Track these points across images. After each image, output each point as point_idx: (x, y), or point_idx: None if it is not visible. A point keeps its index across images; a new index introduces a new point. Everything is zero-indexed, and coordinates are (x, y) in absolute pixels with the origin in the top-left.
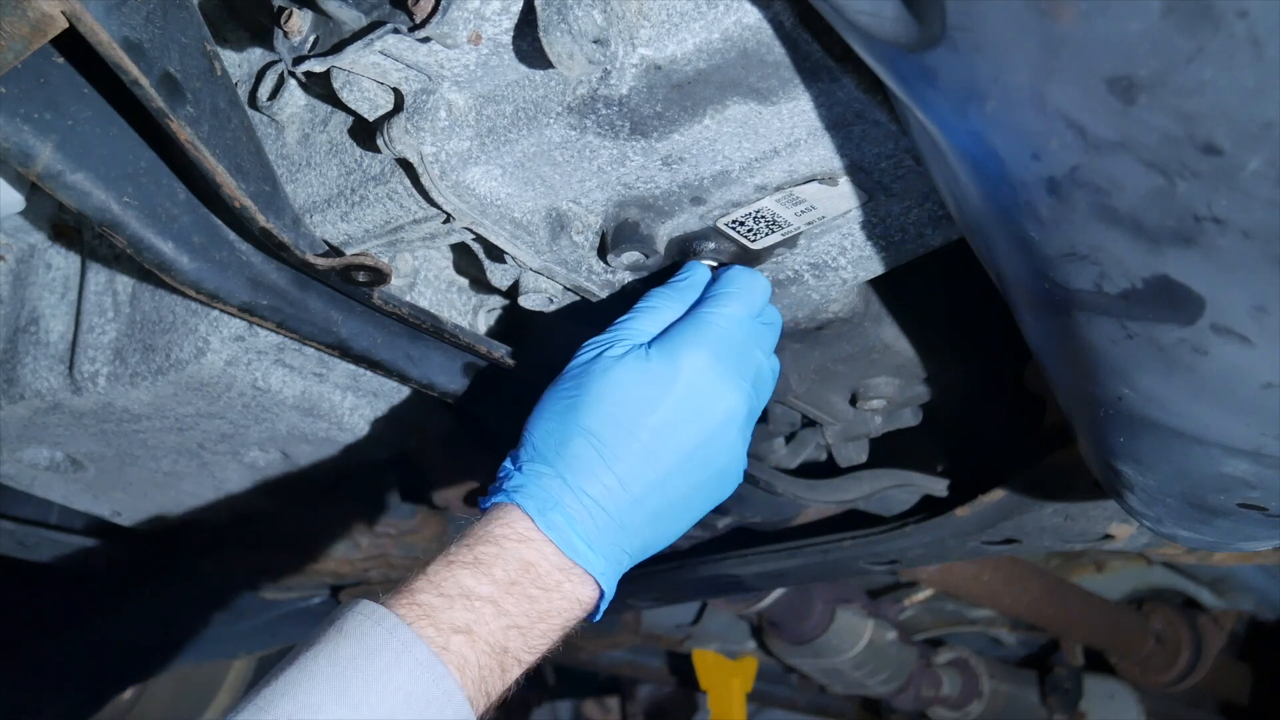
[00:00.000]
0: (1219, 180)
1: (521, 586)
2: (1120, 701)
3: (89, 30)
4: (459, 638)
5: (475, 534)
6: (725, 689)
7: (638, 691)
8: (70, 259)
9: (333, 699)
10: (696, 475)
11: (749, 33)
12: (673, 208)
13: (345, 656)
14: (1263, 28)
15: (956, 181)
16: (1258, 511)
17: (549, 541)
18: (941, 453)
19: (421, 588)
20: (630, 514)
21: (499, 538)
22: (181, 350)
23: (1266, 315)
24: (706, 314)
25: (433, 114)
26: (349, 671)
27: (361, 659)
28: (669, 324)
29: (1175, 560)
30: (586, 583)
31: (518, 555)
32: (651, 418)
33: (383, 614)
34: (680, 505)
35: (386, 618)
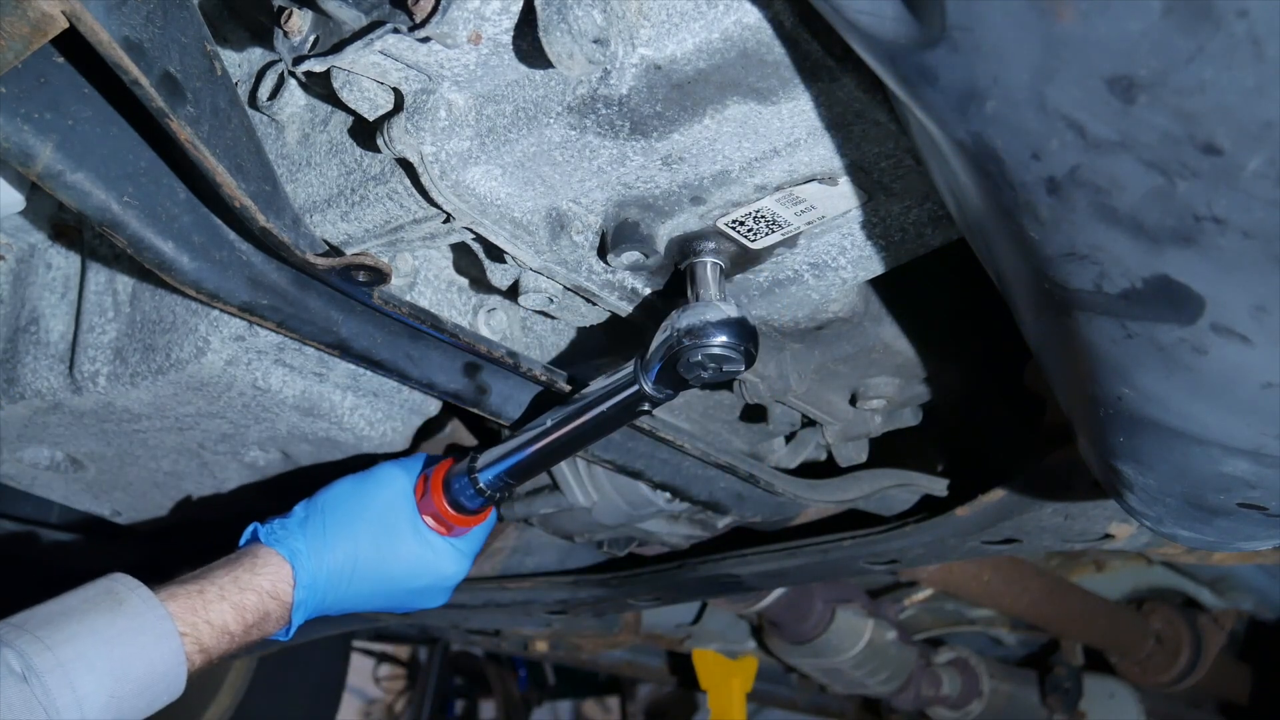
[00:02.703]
0: (1219, 180)
1: (251, 627)
2: (1120, 701)
3: (89, 30)
4: (199, 655)
5: (248, 574)
6: (725, 689)
7: (638, 691)
8: (70, 259)
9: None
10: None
11: (749, 33)
12: (673, 208)
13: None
14: (1263, 28)
15: (956, 181)
16: (1258, 511)
17: (288, 603)
18: (941, 453)
19: (198, 610)
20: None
21: (263, 592)
22: (182, 350)
23: (1266, 315)
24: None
25: (433, 114)
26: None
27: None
28: None
29: (1175, 560)
30: (282, 625)
31: (265, 608)
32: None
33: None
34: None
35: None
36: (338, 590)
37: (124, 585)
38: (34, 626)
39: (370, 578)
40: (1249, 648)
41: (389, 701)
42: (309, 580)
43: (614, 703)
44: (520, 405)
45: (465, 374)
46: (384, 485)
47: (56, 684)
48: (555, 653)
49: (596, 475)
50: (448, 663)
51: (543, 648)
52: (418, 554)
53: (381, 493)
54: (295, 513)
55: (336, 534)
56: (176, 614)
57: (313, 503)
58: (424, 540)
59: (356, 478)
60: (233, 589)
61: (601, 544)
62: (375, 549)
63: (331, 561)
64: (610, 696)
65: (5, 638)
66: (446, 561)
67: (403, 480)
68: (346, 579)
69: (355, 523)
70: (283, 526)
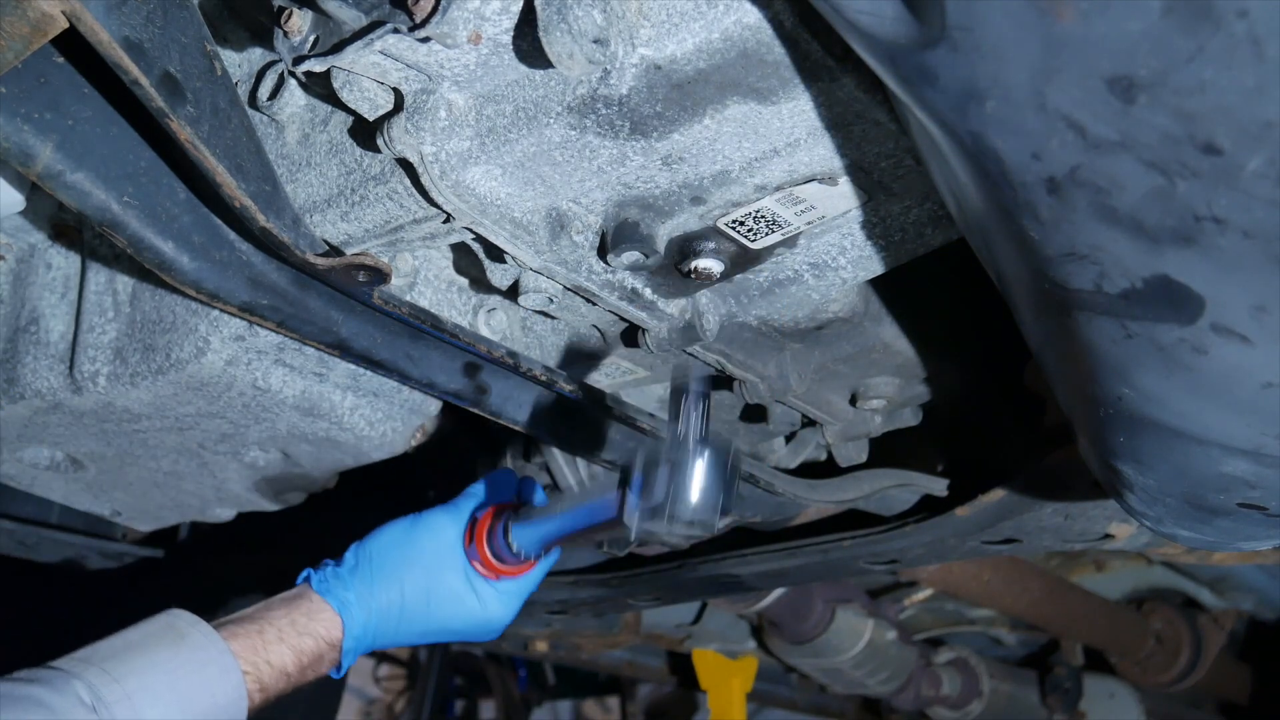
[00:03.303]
0: (1219, 180)
1: (306, 669)
2: (1120, 701)
3: (89, 30)
4: (259, 694)
5: (305, 619)
6: (725, 689)
7: (638, 691)
8: (70, 259)
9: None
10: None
11: (749, 32)
12: (673, 208)
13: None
14: (1263, 28)
15: (956, 181)
16: (1258, 511)
17: (339, 647)
18: (941, 453)
19: (259, 650)
20: (389, 640)
21: (317, 636)
22: (182, 350)
23: (1266, 315)
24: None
25: (433, 114)
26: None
27: (206, 683)
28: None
29: (1175, 560)
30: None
31: (319, 652)
32: (448, 623)
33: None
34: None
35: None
36: (385, 632)
37: (184, 621)
38: (99, 660)
39: (416, 621)
40: (1249, 648)
41: (389, 701)
42: (358, 630)
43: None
44: (520, 405)
45: (465, 374)
46: (432, 533)
47: (124, 714)
48: (555, 653)
49: (596, 475)
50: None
51: (543, 648)
52: (463, 600)
53: (429, 540)
54: (346, 559)
55: (384, 581)
56: (239, 652)
57: (362, 548)
58: (470, 587)
59: (405, 523)
60: (291, 632)
61: (601, 544)
62: (423, 595)
63: (378, 608)
64: (610, 696)
65: (73, 670)
66: (492, 607)
67: (450, 528)
68: (394, 623)
69: (403, 569)
70: (335, 575)
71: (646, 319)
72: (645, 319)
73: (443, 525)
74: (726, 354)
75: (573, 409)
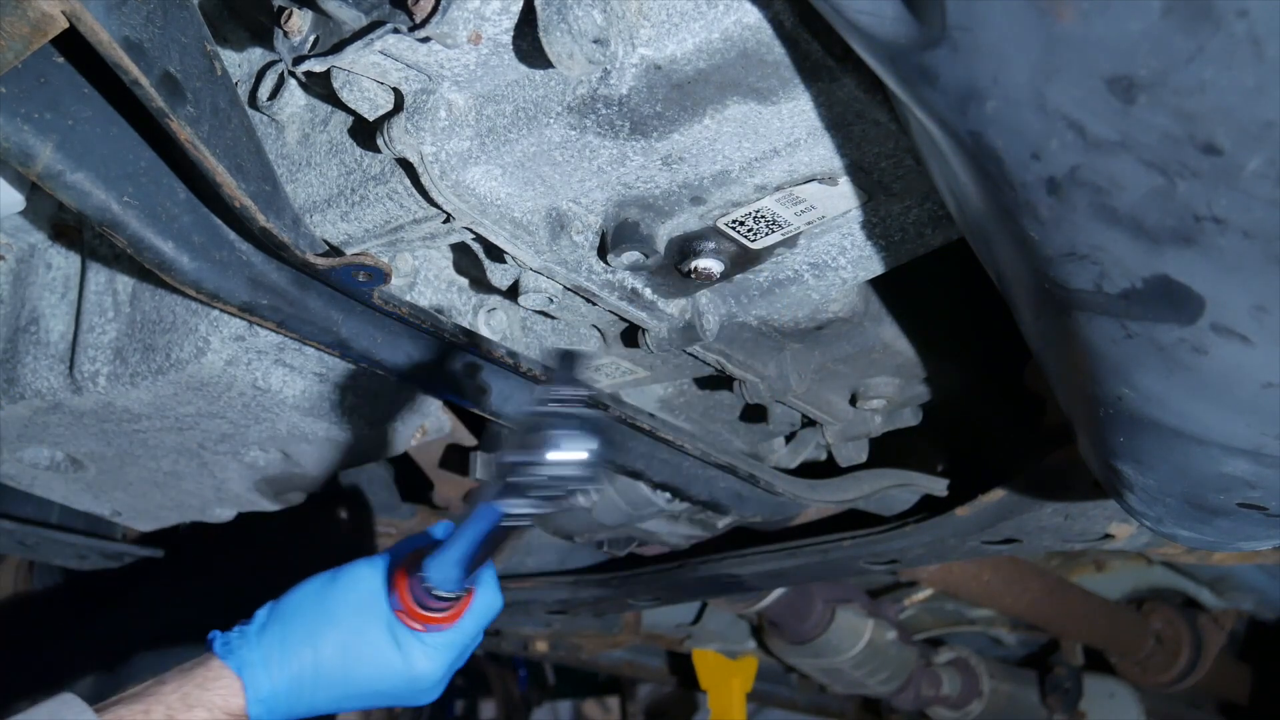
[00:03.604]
0: (1219, 180)
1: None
2: (1120, 701)
3: (89, 30)
4: None
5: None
6: (725, 689)
7: (638, 691)
8: (70, 259)
9: None
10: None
11: (749, 32)
12: (673, 208)
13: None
14: (1263, 28)
15: (956, 181)
16: (1258, 511)
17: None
18: (941, 453)
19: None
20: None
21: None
22: (182, 350)
23: (1266, 315)
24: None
25: (433, 114)
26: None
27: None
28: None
29: (1175, 560)
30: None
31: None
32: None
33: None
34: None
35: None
36: (300, 699)
37: (70, 710)
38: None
39: (335, 684)
40: (1249, 648)
41: None
42: (265, 695)
43: (614, 703)
44: (520, 405)
45: (465, 374)
46: (352, 584)
47: None
48: (555, 653)
49: None
50: None
51: (543, 648)
52: (385, 657)
53: (348, 593)
54: (256, 618)
55: (297, 641)
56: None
57: (276, 607)
58: (394, 641)
59: (324, 577)
60: (180, 707)
61: (601, 544)
62: (340, 653)
63: (291, 672)
64: (610, 696)
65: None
66: (420, 663)
67: (371, 579)
68: (309, 688)
69: (319, 626)
70: (241, 636)
71: (646, 319)
72: (645, 319)
73: (363, 576)
74: (726, 354)
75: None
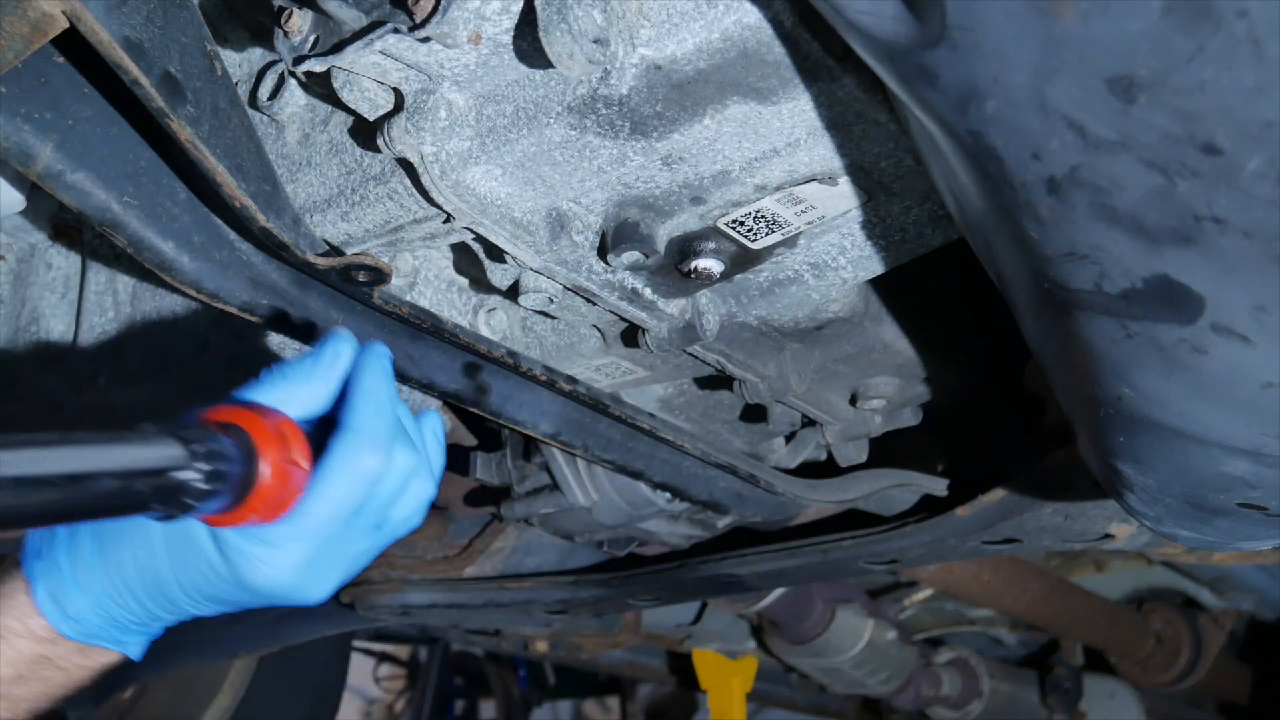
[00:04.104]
0: (1219, 180)
1: (34, 674)
2: (1120, 701)
3: (89, 30)
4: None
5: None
6: (725, 689)
7: (638, 691)
8: (71, 258)
9: None
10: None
11: (749, 32)
12: (673, 207)
13: None
14: (1263, 27)
15: (956, 181)
16: (1258, 511)
17: (59, 636)
18: (941, 453)
19: None
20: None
21: (8, 630)
22: (182, 350)
23: (1266, 315)
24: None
25: (433, 114)
26: None
27: None
28: None
29: (1175, 560)
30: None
31: (25, 651)
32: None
33: None
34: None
35: None
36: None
37: None
38: None
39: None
40: (1249, 648)
41: (389, 701)
42: (73, 609)
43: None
44: (520, 405)
45: (465, 374)
46: None
47: None
48: (555, 653)
49: (597, 475)
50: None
51: (543, 648)
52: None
53: None
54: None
55: (109, 539)
56: None
57: None
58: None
59: None
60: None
61: (601, 544)
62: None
63: (104, 579)
64: (610, 696)
65: None
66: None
67: None
68: (131, 595)
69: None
70: (42, 541)
71: (646, 319)
72: (645, 319)
73: None
74: (726, 354)
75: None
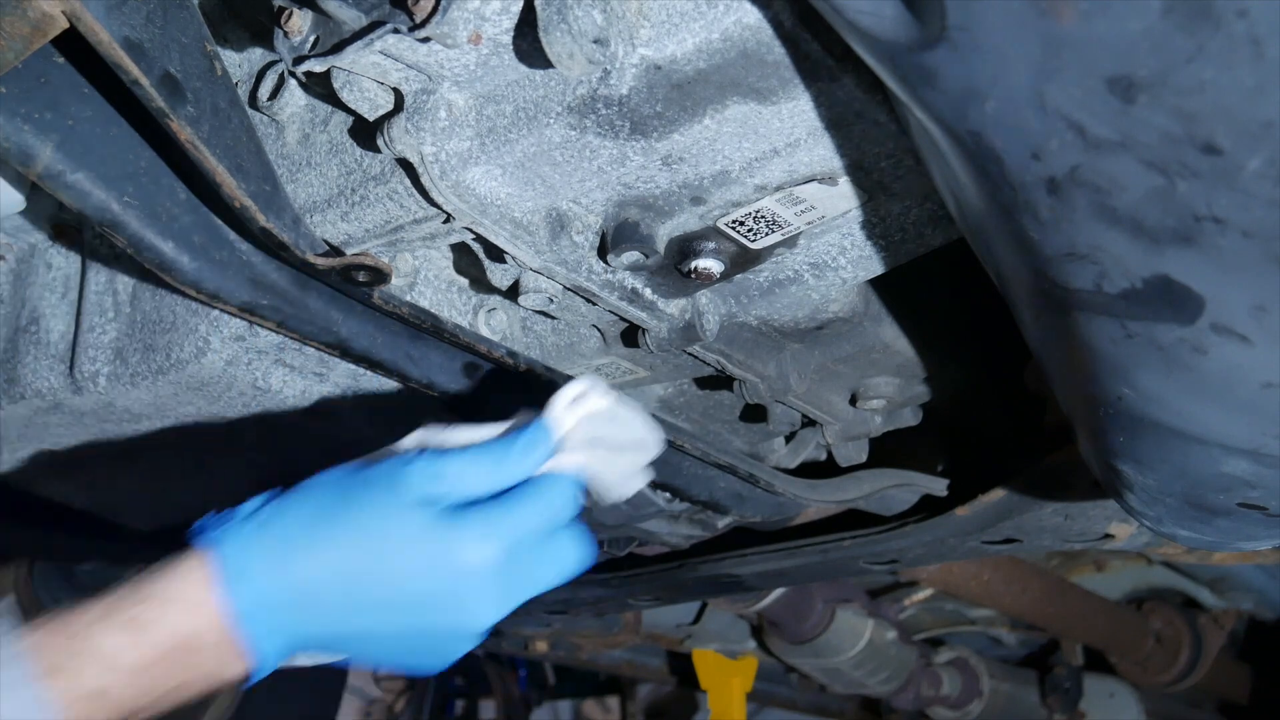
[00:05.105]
0: (1219, 180)
1: (170, 661)
2: (1120, 701)
3: (89, 30)
4: (87, 702)
5: (148, 581)
6: (725, 689)
7: (638, 691)
8: (71, 258)
9: None
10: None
11: (749, 33)
12: (673, 208)
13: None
14: (1263, 27)
15: (956, 181)
16: (1258, 511)
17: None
18: (941, 453)
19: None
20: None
21: (168, 599)
22: (182, 350)
23: (1266, 315)
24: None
25: (433, 114)
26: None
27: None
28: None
29: (1175, 560)
30: (242, 665)
31: (180, 626)
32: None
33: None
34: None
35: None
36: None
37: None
38: None
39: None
40: (1249, 648)
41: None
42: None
43: (614, 703)
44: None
45: (465, 374)
46: (374, 465)
47: None
48: (555, 653)
49: None
50: None
51: (543, 648)
52: (418, 539)
53: (370, 473)
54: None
55: (301, 527)
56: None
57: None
58: (430, 521)
59: (339, 469)
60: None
61: (602, 544)
62: (358, 541)
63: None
64: (610, 696)
65: None
66: (464, 548)
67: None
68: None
69: (333, 512)
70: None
71: (646, 319)
72: (645, 319)
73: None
74: (726, 354)
75: None
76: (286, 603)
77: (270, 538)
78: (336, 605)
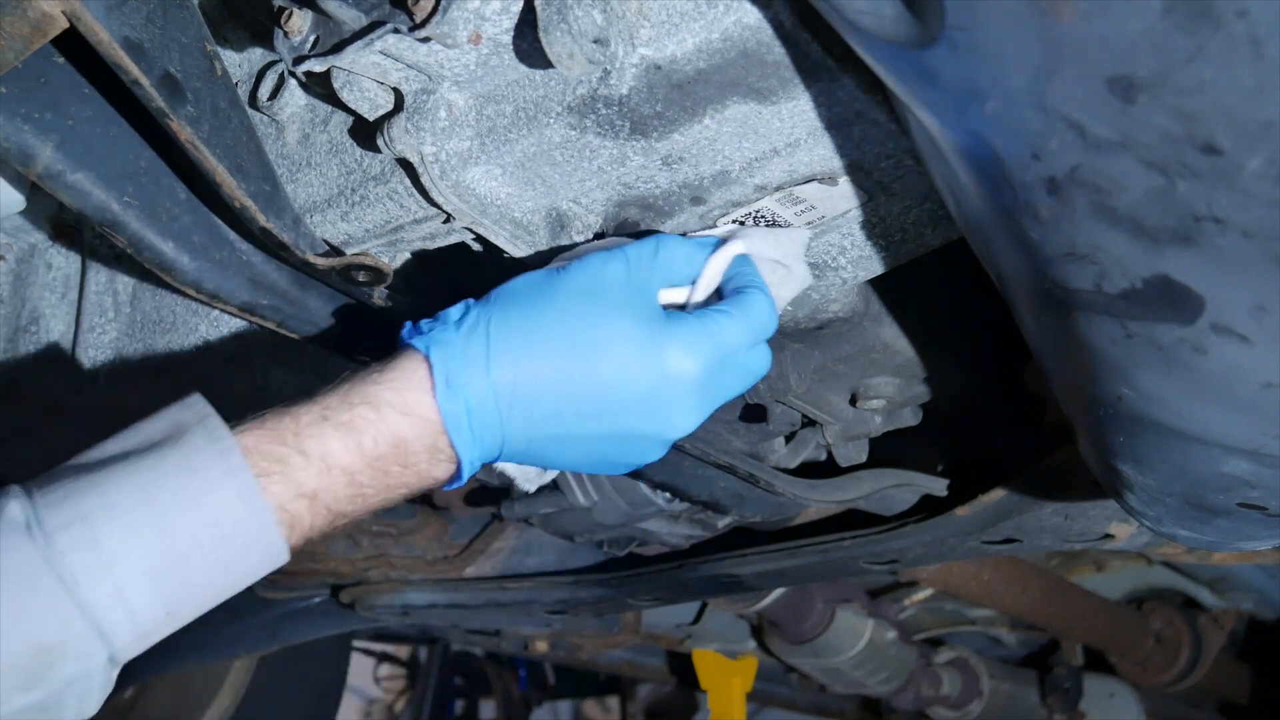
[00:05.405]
0: (1219, 180)
1: (384, 462)
2: (1120, 701)
3: (89, 30)
4: (302, 502)
5: (364, 384)
6: (725, 689)
7: (638, 691)
8: (71, 259)
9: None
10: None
11: (749, 33)
12: (673, 208)
13: (183, 488)
14: (1263, 27)
15: (956, 181)
16: (1258, 511)
17: (435, 423)
18: (941, 453)
19: (286, 437)
20: (531, 428)
21: (383, 403)
22: (182, 350)
23: (1266, 315)
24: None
25: (433, 114)
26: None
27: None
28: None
29: (1175, 560)
30: (449, 468)
31: (395, 429)
32: (620, 389)
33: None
34: (583, 448)
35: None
36: (517, 416)
37: (192, 415)
38: (65, 476)
39: (562, 388)
40: (1249, 648)
41: (389, 701)
42: (466, 399)
43: (614, 703)
44: None
45: None
46: (583, 269)
47: (69, 540)
48: (555, 653)
49: (597, 475)
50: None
51: (543, 648)
52: (629, 340)
53: (579, 277)
54: (452, 311)
55: (515, 331)
56: (254, 446)
57: (485, 298)
58: (641, 326)
59: (544, 271)
60: (340, 407)
61: (602, 544)
62: (569, 343)
63: (504, 373)
64: (610, 696)
65: (21, 487)
66: (673, 356)
67: (608, 258)
68: (530, 398)
69: (544, 316)
70: (437, 322)
71: None
72: None
73: (597, 259)
74: None
75: None
76: (497, 409)
77: (481, 344)
78: (547, 411)
